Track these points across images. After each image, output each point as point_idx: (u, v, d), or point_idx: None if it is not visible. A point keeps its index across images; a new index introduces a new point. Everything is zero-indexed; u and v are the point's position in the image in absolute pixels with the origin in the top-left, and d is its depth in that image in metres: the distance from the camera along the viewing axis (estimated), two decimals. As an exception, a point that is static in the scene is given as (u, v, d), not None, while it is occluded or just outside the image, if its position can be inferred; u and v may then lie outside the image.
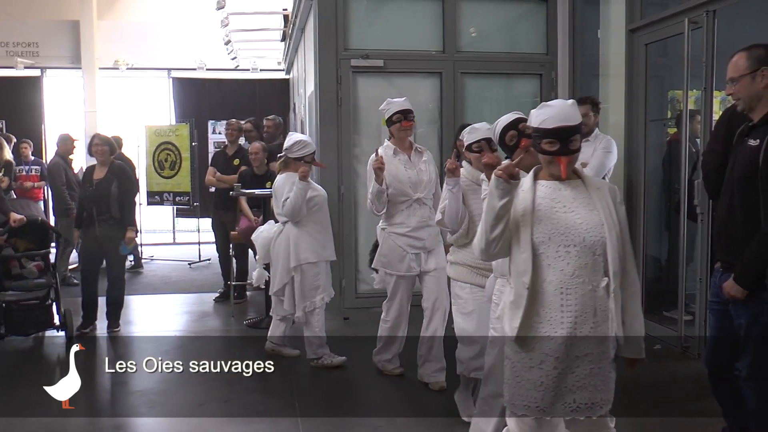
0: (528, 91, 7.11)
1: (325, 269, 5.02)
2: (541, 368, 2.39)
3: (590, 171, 5.11)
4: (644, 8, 5.88)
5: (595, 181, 2.58)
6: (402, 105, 4.51)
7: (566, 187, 2.48)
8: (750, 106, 3.02)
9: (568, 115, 2.46)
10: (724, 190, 3.15)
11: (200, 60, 12.52)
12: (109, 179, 5.82)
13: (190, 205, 9.76)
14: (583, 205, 2.45)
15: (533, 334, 2.41)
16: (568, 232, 2.40)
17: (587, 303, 2.39)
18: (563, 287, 2.39)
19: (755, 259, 2.86)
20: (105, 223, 5.78)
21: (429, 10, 6.81)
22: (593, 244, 2.40)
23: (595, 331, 2.39)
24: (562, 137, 2.42)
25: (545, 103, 2.54)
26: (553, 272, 2.40)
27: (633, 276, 2.49)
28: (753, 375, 3.06)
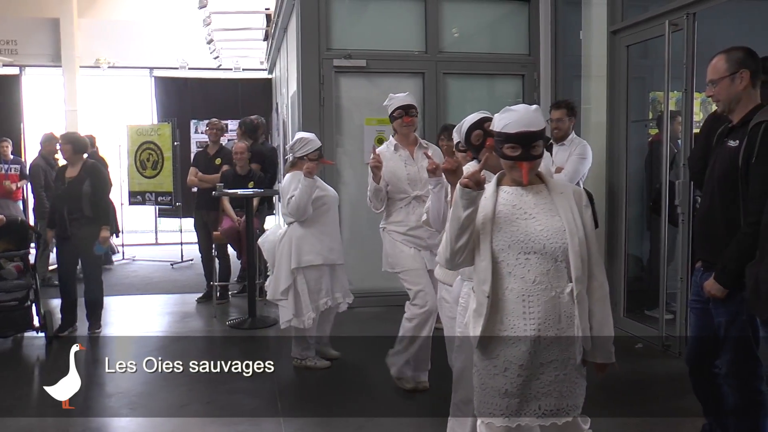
0: (510, 91, 7.13)
1: (330, 273, 4.85)
2: (506, 375, 2.39)
3: (564, 177, 5.15)
4: (625, 10, 5.93)
5: (559, 185, 2.56)
6: (403, 100, 4.42)
7: (528, 193, 2.46)
8: (729, 108, 3.06)
9: (531, 121, 2.41)
10: (704, 190, 3.19)
11: (182, 59, 12.45)
12: (81, 178, 5.71)
13: (173, 205, 9.69)
14: (545, 211, 2.42)
15: (496, 342, 2.40)
16: (527, 239, 2.38)
17: (551, 309, 2.37)
18: (525, 294, 2.37)
19: (735, 259, 2.88)
20: (77, 222, 5.68)
21: (411, 11, 6.82)
22: (554, 251, 2.37)
23: (560, 338, 2.38)
24: (524, 142, 2.38)
25: (509, 107, 2.49)
26: (515, 280, 2.38)
27: (600, 280, 2.46)
28: (732, 372, 3.10)
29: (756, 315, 2.71)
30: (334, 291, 4.87)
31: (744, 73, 3.01)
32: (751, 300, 2.67)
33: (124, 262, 10.04)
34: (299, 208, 4.69)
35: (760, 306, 2.58)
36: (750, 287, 2.66)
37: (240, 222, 6.78)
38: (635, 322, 5.77)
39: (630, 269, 6.10)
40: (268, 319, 6.27)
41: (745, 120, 2.99)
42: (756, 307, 2.63)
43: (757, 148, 2.86)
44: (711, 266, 3.08)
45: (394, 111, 4.41)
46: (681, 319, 5.00)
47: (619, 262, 5.93)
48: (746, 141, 2.92)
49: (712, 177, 3.12)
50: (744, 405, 3.11)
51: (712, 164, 3.15)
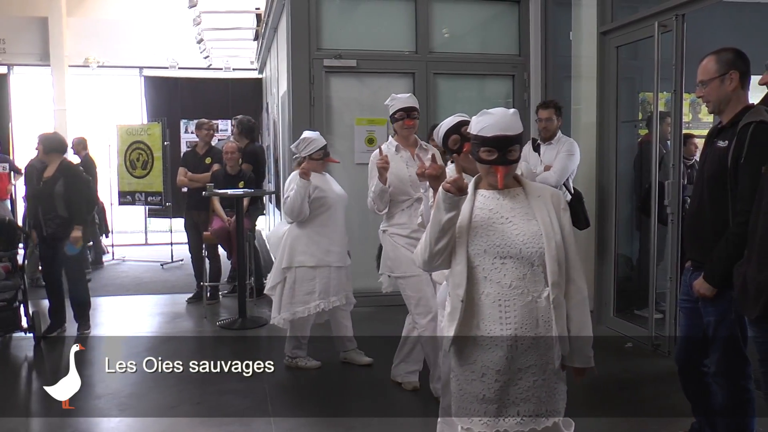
0: (500, 92, 7.15)
1: (327, 275, 4.71)
2: (483, 381, 2.35)
3: (554, 174, 5.20)
4: (615, 11, 5.95)
5: (537, 188, 2.51)
6: (406, 102, 4.33)
7: (505, 197, 2.43)
8: (719, 109, 3.08)
9: (508, 125, 2.38)
10: (694, 190, 3.21)
11: (172, 58, 12.41)
12: (55, 178, 5.69)
13: (163, 206, 9.66)
14: (522, 215, 2.39)
15: (473, 347, 2.37)
16: (503, 243, 2.35)
17: (527, 314, 2.34)
18: (501, 299, 2.34)
19: (723, 259, 2.90)
20: (52, 222, 5.65)
21: (402, 11, 6.82)
22: (530, 256, 2.34)
23: (537, 342, 2.35)
24: (500, 146, 2.35)
25: (486, 110, 2.45)
26: (491, 284, 2.35)
27: (579, 284, 2.42)
28: (721, 372, 3.12)
29: (744, 314, 2.72)
30: (330, 294, 4.73)
31: (734, 74, 3.02)
32: (739, 299, 2.69)
33: (114, 262, 10.00)
34: (293, 210, 4.63)
35: (748, 305, 2.59)
36: (738, 287, 2.68)
37: (230, 222, 6.76)
38: (625, 321, 5.79)
39: (620, 269, 6.13)
40: (258, 319, 6.26)
41: (735, 121, 3.02)
42: (744, 306, 2.64)
43: (746, 148, 2.89)
44: (700, 266, 3.09)
45: (396, 112, 4.31)
46: (670, 318, 5.02)
47: (609, 262, 5.96)
48: (735, 141, 2.94)
49: (701, 177, 3.14)
50: (732, 404, 3.13)
51: (701, 165, 3.17)
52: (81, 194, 5.84)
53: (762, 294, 2.49)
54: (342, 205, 4.88)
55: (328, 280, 4.71)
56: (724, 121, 3.08)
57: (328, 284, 4.71)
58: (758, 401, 3.15)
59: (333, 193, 4.82)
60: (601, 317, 6.00)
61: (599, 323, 6.00)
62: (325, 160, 4.80)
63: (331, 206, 4.78)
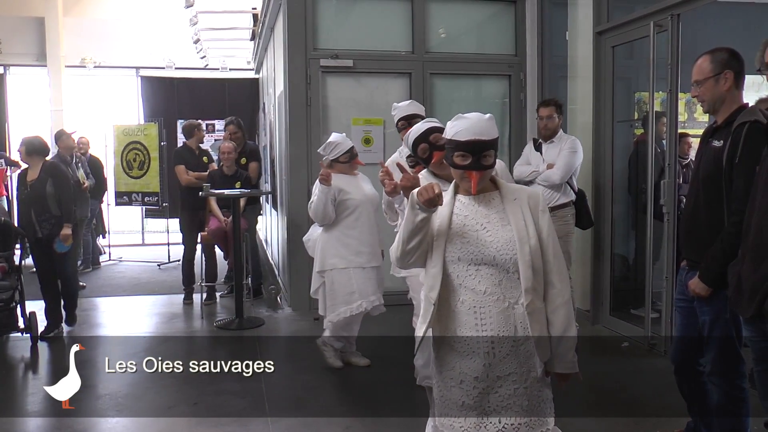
0: (497, 92, 7.16)
1: (362, 275, 4.68)
2: (462, 387, 2.32)
3: (557, 171, 5.20)
4: (611, 11, 5.96)
5: (513, 190, 2.44)
6: (405, 110, 4.19)
7: (481, 203, 2.39)
8: (714, 108, 3.09)
9: (483, 129, 2.34)
10: (689, 190, 3.22)
11: (169, 58, 12.39)
12: (43, 179, 5.74)
13: (159, 206, 9.65)
14: (496, 221, 2.35)
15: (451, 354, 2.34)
16: (478, 251, 2.31)
17: (504, 321, 2.29)
18: (477, 306, 2.30)
19: (718, 258, 2.91)
20: (47, 222, 5.72)
21: (398, 11, 6.82)
22: (505, 262, 2.29)
23: (516, 350, 2.30)
24: (474, 151, 2.31)
25: (461, 115, 2.41)
26: (466, 291, 2.32)
27: (559, 287, 2.35)
28: (716, 371, 3.13)
29: (739, 313, 2.73)
30: (369, 293, 4.69)
31: (728, 74, 3.03)
32: (733, 299, 2.70)
33: (110, 262, 10.00)
34: (317, 214, 4.64)
35: (742, 304, 2.60)
36: (732, 286, 2.69)
37: (227, 222, 6.76)
38: (621, 321, 5.81)
39: (616, 268, 6.14)
40: (255, 319, 6.27)
41: (729, 120, 3.02)
42: (738, 305, 2.65)
43: (740, 148, 2.90)
44: (696, 265, 3.10)
45: (398, 122, 4.23)
46: (666, 318, 5.04)
47: (605, 262, 5.97)
48: (730, 141, 2.95)
49: (696, 177, 3.15)
50: (727, 402, 3.14)
51: (696, 164, 3.18)
52: (69, 193, 5.95)
53: (756, 293, 2.50)
54: (371, 205, 4.83)
55: (365, 279, 4.68)
56: (719, 121, 3.09)
57: (366, 284, 4.68)
58: (752, 400, 3.17)
59: (360, 194, 4.77)
60: (598, 316, 6.02)
61: (595, 322, 6.02)
62: (352, 162, 4.80)
63: (357, 207, 4.74)
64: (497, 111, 7.10)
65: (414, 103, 4.30)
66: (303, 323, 6.27)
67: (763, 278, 2.47)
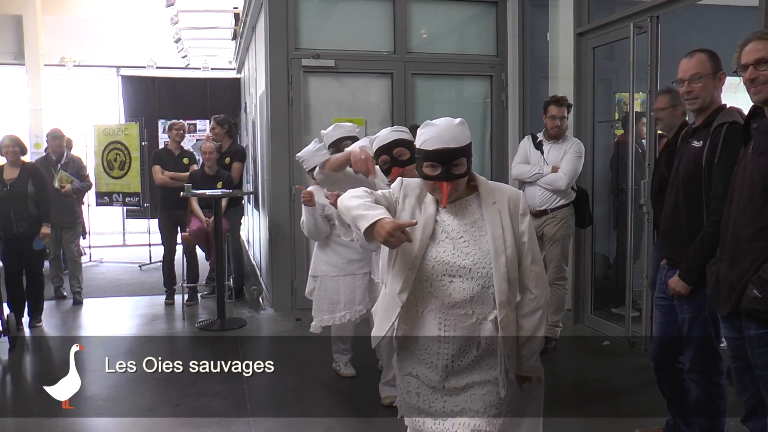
0: (478, 92, 7.18)
1: (352, 284, 4.51)
2: (419, 394, 2.26)
3: (564, 177, 5.08)
4: (591, 13, 6.00)
5: (493, 191, 2.29)
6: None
7: (458, 210, 2.25)
8: (703, 107, 3.08)
9: (452, 136, 2.18)
10: (669, 189, 3.24)
11: (150, 58, 12.31)
12: (24, 179, 5.90)
13: (140, 206, 9.59)
14: (473, 230, 2.22)
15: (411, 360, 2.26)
16: (452, 261, 2.18)
17: (469, 338, 2.19)
18: (443, 318, 2.19)
19: (698, 257, 2.94)
20: (24, 221, 5.88)
21: (380, 11, 6.82)
22: (480, 276, 2.17)
23: (479, 364, 2.21)
24: (444, 160, 2.15)
25: (429, 121, 2.25)
26: (435, 301, 2.19)
27: (536, 293, 2.26)
28: (695, 368, 3.17)
29: (717, 311, 2.76)
30: (355, 303, 4.50)
31: (722, 75, 3.07)
32: (711, 297, 2.73)
33: (91, 263, 9.91)
34: (311, 234, 4.56)
35: (720, 302, 2.64)
36: (711, 284, 2.72)
37: (208, 223, 6.73)
38: (602, 319, 5.85)
39: (597, 268, 6.19)
40: (237, 320, 6.25)
41: (709, 121, 3.05)
42: (716, 303, 2.69)
43: (719, 148, 2.92)
44: (675, 264, 3.14)
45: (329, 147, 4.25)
46: (647, 316, 5.08)
47: (586, 261, 6.01)
48: (709, 142, 2.98)
49: (676, 177, 3.17)
50: (705, 399, 3.19)
51: (676, 165, 3.20)
52: (49, 194, 6.16)
53: (733, 291, 2.53)
54: None
55: (353, 289, 4.52)
56: (699, 122, 3.11)
57: (354, 293, 4.52)
58: (730, 397, 3.20)
59: None
60: (579, 315, 6.06)
61: (577, 321, 6.06)
62: None
63: None
64: (478, 111, 7.13)
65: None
66: (285, 324, 6.26)
67: (740, 276, 2.51)
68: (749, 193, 2.50)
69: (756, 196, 2.47)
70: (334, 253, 4.56)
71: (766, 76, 2.46)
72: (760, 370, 2.54)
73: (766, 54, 2.46)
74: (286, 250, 6.59)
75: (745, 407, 2.78)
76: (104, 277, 8.93)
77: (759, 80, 2.48)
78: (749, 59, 2.50)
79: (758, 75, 2.47)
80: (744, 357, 2.64)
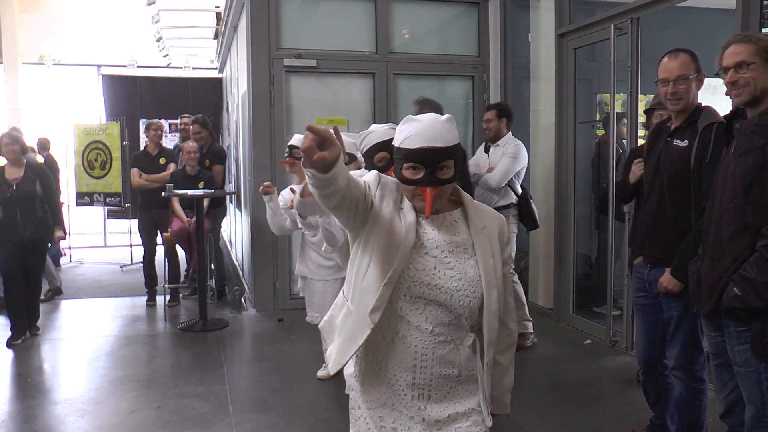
0: (460, 92, 7.20)
1: (323, 288, 4.41)
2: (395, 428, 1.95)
3: (495, 176, 5.27)
4: (573, 14, 6.04)
5: (482, 214, 1.96)
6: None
7: (443, 226, 1.91)
8: (686, 108, 3.10)
9: (439, 134, 1.83)
10: (650, 188, 3.25)
11: (131, 57, 12.22)
12: (31, 179, 5.61)
13: (122, 206, 9.51)
14: (460, 252, 1.89)
15: (375, 391, 1.95)
16: (433, 285, 1.84)
17: (446, 365, 1.89)
18: (418, 346, 1.87)
19: (691, 254, 2.97)
20: (31, 224, 5.58)
21: (362, 11, 6.83)
22: (461, 306, 1.86)
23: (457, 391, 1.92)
24: (428, 162, 1.81)
25: (411, 116, 1.92)
26: (408, 327, 1.86)
27: (512, 328, 2.04)
28: (679, 365, 3.20)
29: (698, 309, 2.80)
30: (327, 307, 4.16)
31: (702, 76, 3.09)
32: (693, 294, 2.77)
33: (72, 264, 9.84)
34: (272, 226, 4.43)
35: (701, 300, 2.68)
36: (692, 282, 2.76)
37: (190, 223, 6.70)
38: (584, 318, 5.89)
39: (578, 267, 6.23)
40: (219, 321, 6.22)
41: (692, 120, 3.08)
42: (698, 301, 2.73)
43: (711, 148, 2.95)
44: (661, 262, 3.17)
45: None
46: (628, 315, 5.12)
47: (567, 261, 6.05)
48: (698, 142, 3.01)
49: (659, 176, 3.18)
50: (689, 394, 3.22)
51: (655, 164, 3.21)
52: (57, 195, 5.91)
53: (714, 289, 2.57)
54: None
55: (324, 294, 4.42)
56: (679, 121, 3.13)
57: (325, 298, 4.37)
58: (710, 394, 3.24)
59: None
60: (561, 314, 6.09)
61: (558, 320, 6.09)
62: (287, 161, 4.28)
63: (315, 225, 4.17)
64: (460, 111, 7.15)
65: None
66: (267, 324, 6.24)
67: (720, 275, 2.54)
68: (731, 193, 2.53)
69: (738, 196, 2.50)
70: (308, 256, 4.50)
71: (746, 79, 2.49)
72: (739, 366, 2.58)
73: (746, 57, 2.48)
74: (268, 251, 6.58)
75: (724, 404, 2.83)
76: (85, 278, 8.86)
77: (739, 83, 2.50)
78: (730, 62, 2.52)
79: (739, 78, 2.50)
80: (724, 354, 2.68)
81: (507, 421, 2.23)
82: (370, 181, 1.92)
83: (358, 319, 1.88)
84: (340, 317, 2.01)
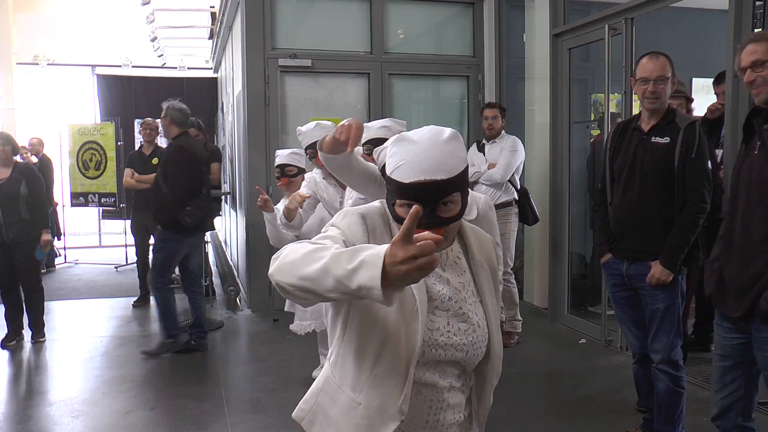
0: (455, 92, 7.21)
1: None
2: None
3: (498, 170, 5.37)
4: (567, 14, 6.05)
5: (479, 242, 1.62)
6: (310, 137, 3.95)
7: (448, 264, 1.56)
8: (660, 107, 3.21)
9: (441, 161, 1.41)
10: (627, 184, 3.29)
11: (126, 57, 12.20)
12: (16, 179, 5.49)
13: (116, 207, 9.49)
14: (466, 296, 1.55)
15: None
16: (447, 342, 1.49)
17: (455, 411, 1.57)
18: (434, 401, 1.53)
19: (681, 245, 3.11)
20: (14, 226, 5.46)
21: (357, 11, 6.83)
22: (475, 357, 1.55)
23: None
24: (427, 199, 1.40)
25: (405, 134, 1.48)
26: (424, 387, 1.51)
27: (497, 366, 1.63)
28: (665, 358, 3.23)
29: (723, 312, 2.69)
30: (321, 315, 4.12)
31: (675, 80, 3.25)
32: (715, 297, 2.70)
33: (66, 265, 9.82)
34: (273, 242, 4.17)
35: (728, 304, 2.62)
36: (713, 283, 2.70)
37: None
38: (579, 318, 5.90)
39: (573, 267, 6.24)
40: (214, 321, 6.21)
41: (669, 119, 3.19)
42: (721, 303, 2.67)
43: (696, 144, 3.10)
44: (644, 257, 3.22)
45: (307, 149, 4.10)
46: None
47: (562, 260, 6.06)
48: (682, 139, 3.11)
49: (635, 172, 3.24)
50: (675, 384, 3.25)
51: (631, 160, 3.26)
52: (44, 196, 5.74)
53: (744, 293, 2.53)
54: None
55: None
56: (654, 120, 3.22)
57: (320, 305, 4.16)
58: (700, 393, 3.25)
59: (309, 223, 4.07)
60: (556, 314, 6.10)
61: (553, 320, 6.10)
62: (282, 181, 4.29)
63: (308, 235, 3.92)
64: (455, 112, 7.16)
65: (320, 126, 4.01)
66: (262, 324, 6.24)
67: (753, 279, 2.50)
68: (759, 195, 2.51)
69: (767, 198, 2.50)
70: None
71: (763, 77, 2.52)
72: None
73: (761, 56, 2.52)
74: (263, 251, 6.56)
75: (719, 405, 2.77)
76: (80, 278, 8.84)
77: (757, 82, 2.54)
78: (746, 62, 2.57)
79: (756, 77, 2.54)
80: (735, 357, 2.65)
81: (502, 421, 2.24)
82: (347, 225, 1.48)
83: (377, 411, 1.47)
84: (335, 409, 1.57)
